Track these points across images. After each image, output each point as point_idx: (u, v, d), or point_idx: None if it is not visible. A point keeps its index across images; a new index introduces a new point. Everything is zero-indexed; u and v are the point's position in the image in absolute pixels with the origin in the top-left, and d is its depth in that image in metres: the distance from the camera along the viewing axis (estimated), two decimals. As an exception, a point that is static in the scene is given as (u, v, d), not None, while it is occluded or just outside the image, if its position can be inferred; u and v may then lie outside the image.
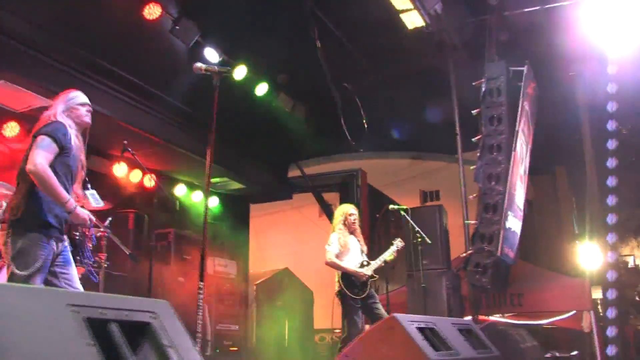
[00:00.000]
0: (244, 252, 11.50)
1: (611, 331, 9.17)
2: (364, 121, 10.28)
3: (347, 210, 7.10)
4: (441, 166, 15.02)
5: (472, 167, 9.07)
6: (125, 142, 7.37)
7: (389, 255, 7.05)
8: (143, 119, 8.76)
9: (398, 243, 7.18)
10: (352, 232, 7.03)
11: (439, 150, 14.43)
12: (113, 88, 8.31)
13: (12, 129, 8.38)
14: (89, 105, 4.45)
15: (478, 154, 9.06)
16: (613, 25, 9.02)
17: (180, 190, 10.80)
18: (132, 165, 9.70)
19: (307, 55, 9.29)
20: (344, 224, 6.99)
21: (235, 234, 11.16)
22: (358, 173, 10.92)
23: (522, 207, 9.69)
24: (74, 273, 4.20)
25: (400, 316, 3.36)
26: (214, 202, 11.25)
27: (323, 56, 9.26)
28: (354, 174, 10.99)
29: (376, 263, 6.94)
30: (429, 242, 7.73)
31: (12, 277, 3.71)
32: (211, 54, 8.58)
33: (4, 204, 4.74)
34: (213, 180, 11.00)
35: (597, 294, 12.03)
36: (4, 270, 4.10)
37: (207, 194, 4.02)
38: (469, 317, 9.62)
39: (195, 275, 9.39)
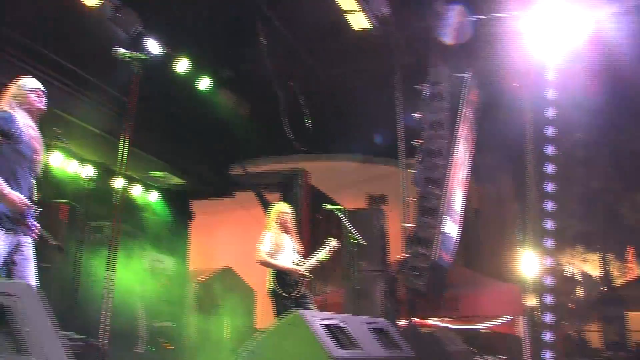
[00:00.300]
0: (183, 249, 11.34)
1: (547, 336, 9.29)
2: (308, 122, 10.23)
3: (280, 209, 7.00)
4: (390, 171, 15.07)
5: (411, 171, 9.11)
6: (58, 130, 7.23)
7: (322, 254, 6.96)
8: (79, 107, 8.56)
9: (332, 243, 7.11)
10: (286, 231, 6.95)
11: (388, 155, 14.48)
12: (48, 74, 8.08)
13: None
14: (39, 90, 4.31)
15: (418, 158, 9.11)
16: (552, 37, 9.20)
17: (118, 183, 10.56)
18: (68, 155, 9.49)
19: (253, 52, 9.22)
20: (278, 223, 6.92)
21: (175, 230, 11.01)
22: (300, 173, 10.87)
23: (460, 212, 9.78)
24: (28, 272, 4.10)
25: (304, 312, 3.32)
26: (153, 196, 11.09)
27: (268, 54, 9.19)
28: (295, 174, 10.92)
29: (310, 262, 6.87)
30: (364, 243, 7.67)
31: None
32: (152, 46, 8.42)
33: None
34: (153, 174, 10.87)
35: (532, 300, 12.21)
36: None
37: (120, 178, 3.88)
38: (404, 321, 9.70)
39: (129, 268, 9.27)
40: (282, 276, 6.59)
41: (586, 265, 22.13)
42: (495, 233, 18.73)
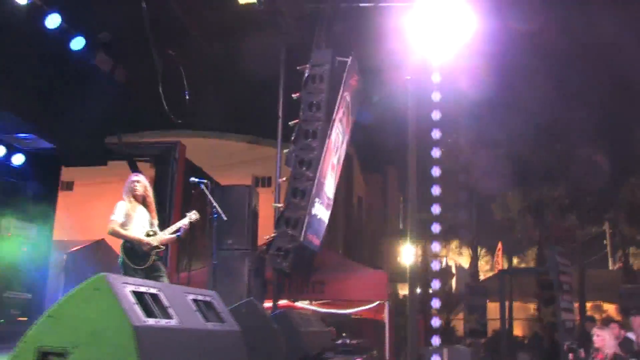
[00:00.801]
0: (49, 216, 10.80)
1: (435, 322, 9.43)
2: (186, 95, 9.97)
3: (132, 179, 6.71)
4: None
5: (285, 151, 9.07)
6: None
7: (178, 226, 6.78)
8: None
9: (192, 215, 6.91)
10: (141, 202, 6.73)
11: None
12: None
13: None
14: None
15: (292, 138, 9.08)
16: (438, 34, 9.32)
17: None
18: None
19: (133, 16, 8.87)
20: (130, 193, 6.69)
21: (40, 196, 10.48)
22: (176, 146, 10.58)
23: (331, 196, 9.84)
24: None
25: (110, 276, 3.16)
26: (19, 159, 10.48)
27: (149, 18, 8.87)
28: (171, 146, 10.63)
29: (164, 234, 6.67)
30: (224, 218, 7.53)
31: None
32: (20, -3, 7.92)
33: None
34: (19, 135, 10.28)
35: (400, 288, 12.48)
36: None
37: None
38: (269, 302, 9.69)
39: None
40: (131, 247, 6.35)
41: (461, 258, 23.03)
42: (376, 222, 19.08)
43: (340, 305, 11.46)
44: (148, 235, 6.48)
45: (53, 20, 8.48)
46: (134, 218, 6.46)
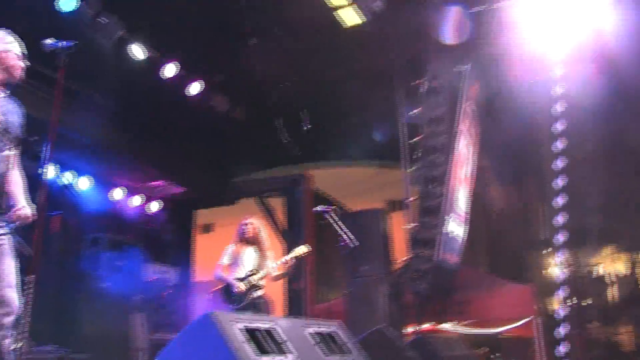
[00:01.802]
0: (187, 259, 11.13)
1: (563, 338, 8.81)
2: (305, 125, 9.94)
3: (241, 221, 6.95)
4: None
5: (409, 170, 8.76)
6: (36, 138, 7.06)
7: (280, 261, 6.78)
8: (69, 118, 8.40)
9: (299, 249, 6.88)
10: (249, 243, 6.77)
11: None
12: (35, 86, 7.95)
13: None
14: (17, 54, 3.69)
15: (417, 156, 8.75)
16: (558, 28, 8.75)
17: (117, 194, 10.43)
18: (64, 167, 9.38)
19: (243, 55, 9.00)
20: (237, 235, 6.83)
21: (178, 240, 10.83)
22: (302, 177, 10.59)
23: (466, 210, 9.36)
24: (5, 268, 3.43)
25: (218, 314, 3.00)
26: (154, 206, 10.90)
27: (259, 55, 8.95)
28: (297, 178, 10.65)
29: (263, 272, 6.65)
30: (354, 245, 7.31)
31: None
32: (137, 51, 8.25)
33: None
34: (152, 184, 10.69)
35: (551, 302, 11.71)
36: None
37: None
38: (411, 327, 9.31)
39: (127, 281, 9.08)
40: (226, 289, 6.51)
41: (618, 265, 21.29)
42: (517, 234, 18.12)
43: (486, 325, 10.84)
44: (249, 274, 6.54)
45: (170, 70, 8.77)
46: (241, 260, 6.61)
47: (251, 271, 6.57)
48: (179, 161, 10.36)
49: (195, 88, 9.12)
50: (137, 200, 10.66)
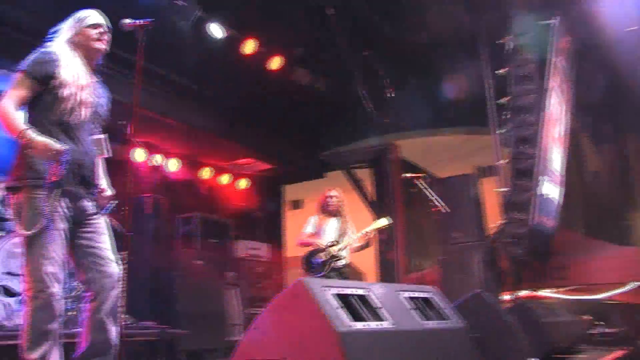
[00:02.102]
0: (278, 235, 11.21)
1: None
2: (389, 93, 9.74)
3: (325, 194, 7.09)
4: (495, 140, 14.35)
5: (499, 132, 8.42)
6: (123, 122, 7.22)
7: (362, 233, 6.77)
8: (151, 100, 8.56)
9: (380, 221, 6.94)
10: (333, 215, 6.88)
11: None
12: (119, 72, 8.12)
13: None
14: (102, 27, 3.68)
15: (506, 117, 8.40)
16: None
17: (205, 174, 10.60)
18: (153, 150, 9.58)
19: (321, 26, 8.88)
20: (321, 207, 7.00)
21: (268, 217, 10.91)
22: (390, 147, 10.40)
23: (561, 171, 8.94)
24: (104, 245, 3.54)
25: (310, 281, 2.92)
26: (243, 184, 11.01)
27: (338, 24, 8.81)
28: (385, 148, 10.47)
29: (343, 243, 6.69)
30: (446, 210, 7.16)
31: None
32: (216, 30, 8.28)
33: None
34: (240, 161, 10.79)
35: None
36: None
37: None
38: (507, 294, 9.03)
39: (220, 258, 9.23)
40: (307, 257, 6.67)
41: None
42: (618, 195, 17.26)
43: (588, 291, 10.37)
44: (330, 246, 6.55)
45: (249, 46, 8.76)
46: (324, 230, 6.77)
47: (332, 242, 6.60)
48: (265, 138, 10.41)
49: (275, 63, 9.08)
50: (225, 179, 10.80)
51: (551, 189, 8.53)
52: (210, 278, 8.73)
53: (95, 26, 3.65)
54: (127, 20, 3.90)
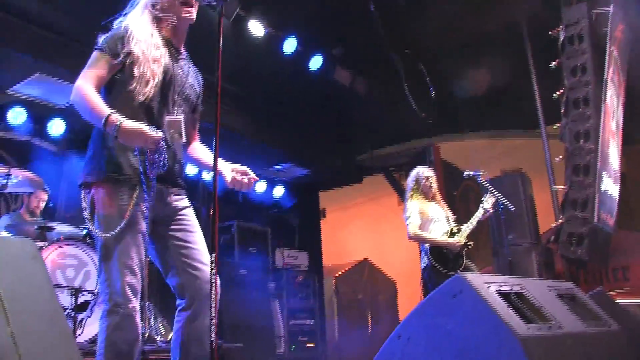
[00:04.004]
0: (316, 243, 10.82)
1: None
2: (431, 92, 9.37)
3: (423, 174, 6.26)
4: (522, 143, 13.94)
5: (555, 127, 8.02)
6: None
7: (478, 217, 6.11)
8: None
9: (485, 204, 6.24)
10: (431, 198, 6.16)
11: (519, 127, 13.25)
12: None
13: (57, 126, 8.03)
14: None
15: (562, 111, 8.00)
16: None
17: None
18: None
19: (362, 24, 8.54)
20: (420, 190, 6.15)
21: (305, 224, 10.53)
22: (431, 148, 10.01)
23: (617, 167, 8.53)
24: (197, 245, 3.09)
25: (470, 276, 2.45)
26: (279, 191, 10.64)
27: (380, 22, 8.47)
28: (425, 149, 10.08)
29: (468, 228, 6.01)
30: (512, 209, 6.72)
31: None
32: (256, 28, 7.95)
33: None
34: (276, 167, 10.42)
35: None
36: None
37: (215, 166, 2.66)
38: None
39: (260, 267, 8.84)
40: (440, 251, 5.81)
41: None
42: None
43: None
44: (452, 233, 5.91)
45: (290, 45, 8.45)
46: (430, 218, 5.94)
47: (457, 227, 6.02)
48: (302, 142, 10.03)
49: (316, 62, 8.73)
50: (261, 186, 10.43)
51: (611, 186, 8.14)
52: (255, 289, 8.34)
53: None
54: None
